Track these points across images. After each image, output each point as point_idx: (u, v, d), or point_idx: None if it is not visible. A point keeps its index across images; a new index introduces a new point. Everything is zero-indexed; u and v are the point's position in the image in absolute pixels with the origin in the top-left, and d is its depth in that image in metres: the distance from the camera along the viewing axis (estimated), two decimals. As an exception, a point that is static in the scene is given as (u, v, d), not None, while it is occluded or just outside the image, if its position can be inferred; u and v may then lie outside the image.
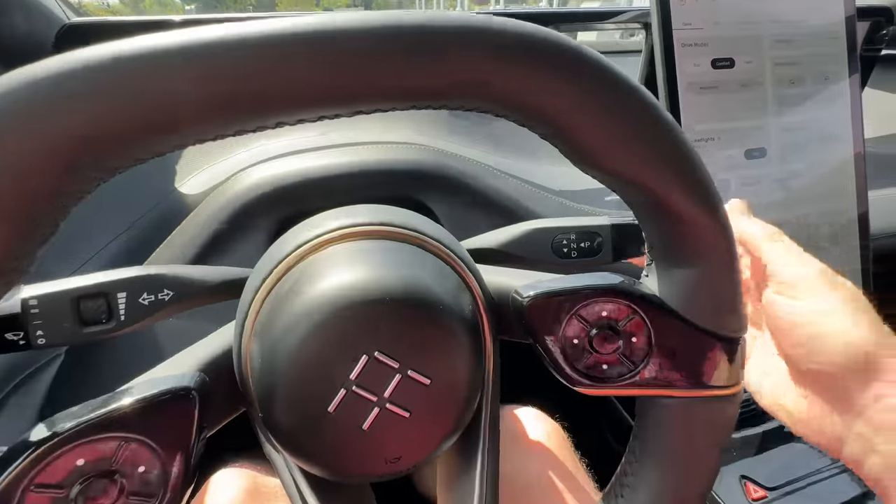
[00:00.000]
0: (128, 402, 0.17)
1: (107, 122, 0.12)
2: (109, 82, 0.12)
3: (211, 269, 0.29)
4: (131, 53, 0.12)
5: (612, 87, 0.16)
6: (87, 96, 0.12)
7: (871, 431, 0.23)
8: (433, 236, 0.25)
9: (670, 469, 0.22)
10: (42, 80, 0.12)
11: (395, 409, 0.20)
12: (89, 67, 0.12)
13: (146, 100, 0.12)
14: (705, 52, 0.41)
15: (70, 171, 0.13)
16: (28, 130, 0.12)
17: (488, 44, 0.14)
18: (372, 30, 0.14)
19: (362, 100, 0.14)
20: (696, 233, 0.19)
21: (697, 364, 0.21)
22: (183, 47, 0.12)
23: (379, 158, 0.46)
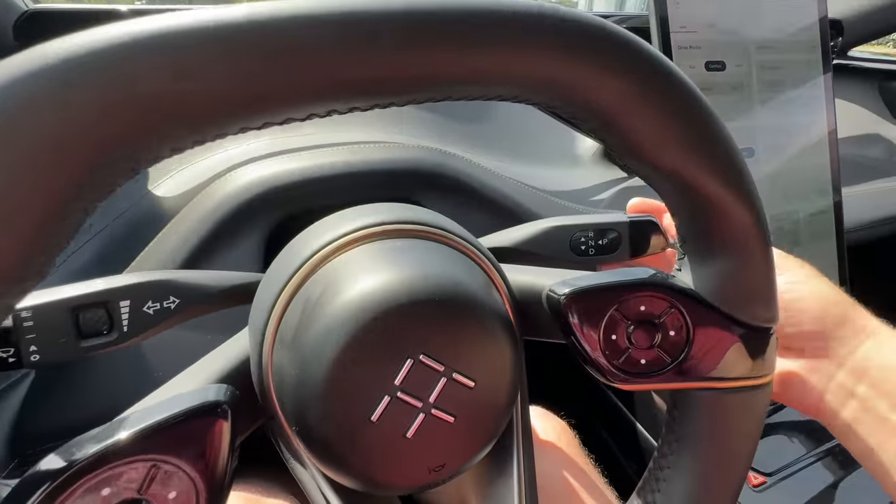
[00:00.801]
0: (156, 421, 0.16)
1: (144, 111, 0.11)
2: (147, 68, 0.11)
3: (217, 273, 0.27)
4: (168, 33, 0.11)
5: (670, 84, 0.16)
6: (129, 81, 0.11)
7: (851, 380, 0.25)
8: (459, 234, 0.24)
9: (709, 461, 0.22)
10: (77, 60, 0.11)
11: (440, 414, 0.19)
12: (131, 48, 0.11)
13: (185, 88, 0.11)
14: (699, 55, 0.43)
15: (107, 163, 0.11)
16: (63, 116, 0.10)
17: (563, 37, 0.14)
18: (441, 14, 0.13)
19: (440, 86, 0.13)
20: (736, 226, 0.19)
21: (734, 355, 0.21)
22: (223, 28, 0.11)
23: (378, 157, 0.45)
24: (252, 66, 0.11)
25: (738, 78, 0.45)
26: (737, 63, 0.45)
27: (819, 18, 0.48)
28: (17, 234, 0.10)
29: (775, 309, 0.22)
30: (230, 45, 0.11)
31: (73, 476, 0.14)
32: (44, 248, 0.11)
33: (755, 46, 0.46)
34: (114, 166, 0.11)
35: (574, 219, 0.32)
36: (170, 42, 0.11)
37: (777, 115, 0.48)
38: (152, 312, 0.23)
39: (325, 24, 0.12)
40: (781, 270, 0.26)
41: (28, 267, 0.11)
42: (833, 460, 0.44)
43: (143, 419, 0.16)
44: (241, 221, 0.40)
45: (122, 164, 0.11)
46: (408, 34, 0.13)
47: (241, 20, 0.11)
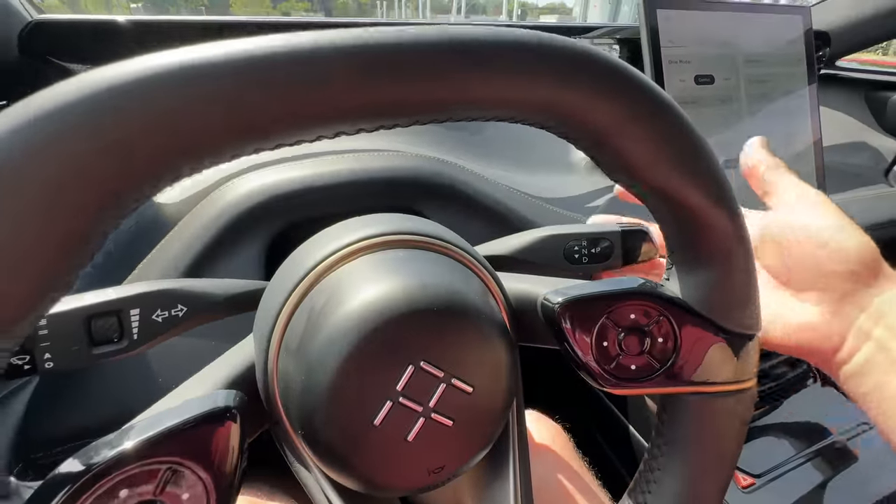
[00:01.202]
0: (169, 426, 0.16)
1: (176, 130, 0.12)
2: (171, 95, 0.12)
3: (222, 281, 0.27)
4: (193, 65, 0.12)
5: (658, 106, 0.17)
6: (151, 105, 0.12)
7: (870, 323, 0.27)
8: (457, 244, 0.25)
9: (697, 462, 0.23)
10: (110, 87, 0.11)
11: (440, 418, 0.20)
12: (160, 77, 0.12)
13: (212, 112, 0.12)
14: (689, 69, 0.44)
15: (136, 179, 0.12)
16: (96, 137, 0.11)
17: (557, 64, 0.15)
18: (439, 45, 0.14)
19: (446, 109, 0.15)
20: (718, 237, 0.21)
21: (719, 360, 0.22)
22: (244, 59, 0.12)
23: (378, 166, 0.45)
24: (255, 103, 0.12)
25: (726, 91, 0.46)
26: (725, 76, 0.46)
27: (804, 31, 0.50)
28: (26, 276, 0.11)
29: (758, 316, 0.23)
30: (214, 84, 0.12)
31: (92, 479, 0.15)
32: (53, 285, 0.12)
33: (743, 60, 0.47)
34: (104, 212, 0.12)
35: (568, 228, 0.33)
36: (155, 89, 0.11)
37: (764, 126, 0.49)
38: (161, 320, 0.23)
39: (342, 56, 0.13)
40: (823, 210, 0.29)
41: (56, 281, 0.12)
42: (821, 461, 0.45)
43: (157, 424, 0.17)
44: (243, 229, 0.41)
45: (115, 210, 0.12)
46: (415, 65, 0.14)
47: (220, 58, 0.12)
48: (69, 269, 0.12)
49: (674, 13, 0.43)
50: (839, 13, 0.83)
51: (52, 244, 0.11)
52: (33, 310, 0.12)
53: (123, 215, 0.13)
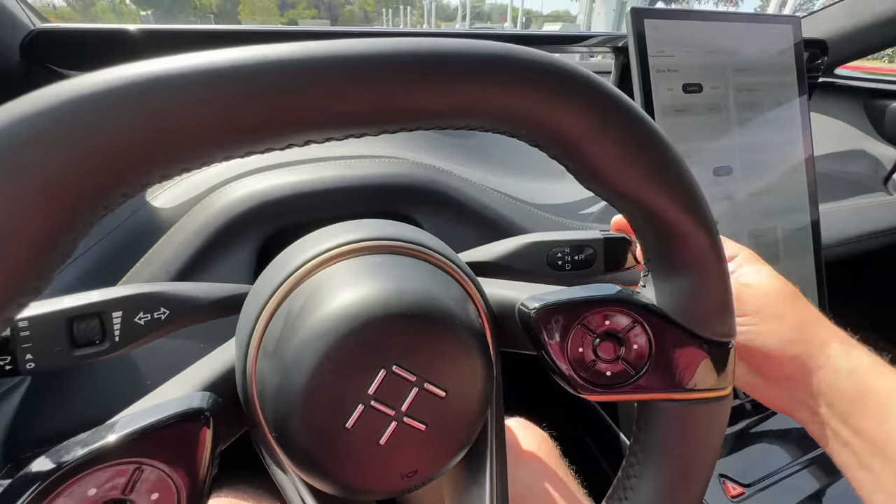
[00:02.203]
0: (141, 426, 0.17)
1: (137, 140, 0.12)
2: (139, 103, 0.12)
3: (206, 285, 0.28)
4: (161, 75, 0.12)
5: (626, 117, 0.17)
6: (120, 114, 0.12)
7: (813, 402, 0.29)
8: (437, 250, 0.25)
9: (672, 469, 0.23)
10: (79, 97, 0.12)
11: (412, 422, 0.20)
12: (130, 84, 0.12)
13: (177, 119, 0.12)
14: (677, 78, 0.45)
15: (98, 189, 0.13)
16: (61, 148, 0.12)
17: (523, 75, 0.15)
18: (422, 57, 0.15)
19: (413, 118, 0.15)
20: (692, 246, 0.21)
21: (694, 368, 0.22)
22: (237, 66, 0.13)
23: (371, 173, 0.46)
24: (243, 109, 0.13)
25: (714, 99, 0.47)
26: (713, 85, 0.46)
27: (794, 42, 0.50)
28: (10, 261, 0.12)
29: (732, 324, 0.23)
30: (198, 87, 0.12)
31: (60, 477, 0.15)
32: (36, 273, 0.12)
33: (732, 69, 0.47)
34: (94, 204, 0.12)
35: (551, 235, 0.33)
36: (147, 87, 0.12)
37: (754, 134, 0.49)
38: (143, 323, 0.24)
39: (318, 67, 0.13)
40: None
41: (22, 287, 0.12)
42: (814, 470, 0.44)
43: (129, 424, 0.17)
44: (235, 234, 0.41)
45: (102, 202, 0.13)
46: (386, 76, 0.14)
47: (206, 65, 0.13)
48: (37, 274, 0.12)
49: (661, 23, 0.44)
50: (836, 22, 0.84)
51: (16, 252, 0.12)
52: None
53: (93, 221, 0.13)
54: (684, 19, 0.45)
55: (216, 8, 51.68)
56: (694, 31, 0.45)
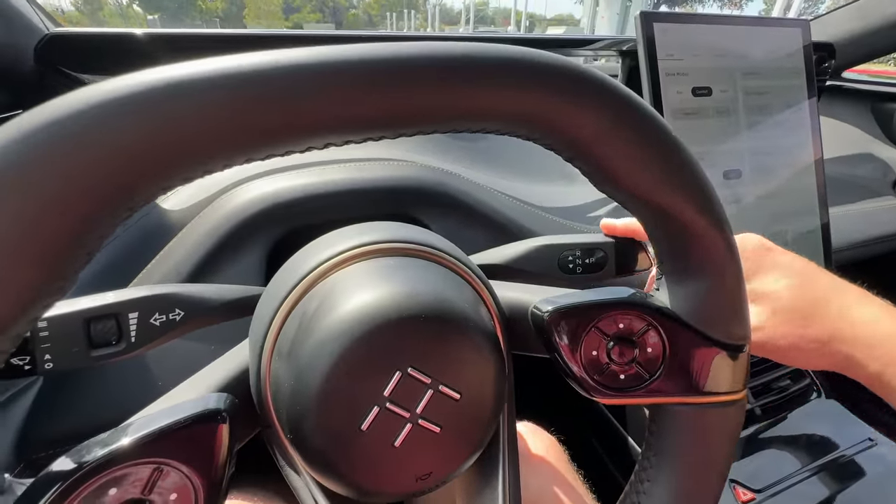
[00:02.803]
0: (160, 426, 0.17)
1: (159, 143, 0.12)
2: (160, 110, 0.12)
3: (219, 287, 0.28)
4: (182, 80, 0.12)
5: (640, 119, 0.17)
6: (142, 118, 0.12)
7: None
8: (450, 253, 0.25)
9: (686, 474, 0.23)
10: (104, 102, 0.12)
11: (427, 424, 0.20)
12: (146, 91, 0.12)
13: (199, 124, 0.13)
14: (686, 81, 0.45)
15: (123, 191, 0.13)
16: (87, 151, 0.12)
17: (537, 78, 0.15)
18: (449, 60, 0.15)
19: (435, 120, 0.15)
20: (707, 249, 0.21)
21: (708, 371, 0.22)
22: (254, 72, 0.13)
23: (380, 175, 0.46)
24: (264, 111, 0.13)
25: (724, 103, 0.47)
26: (722, 88, 0.46)
27: (803, 46, 0.50)
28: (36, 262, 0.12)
29: (747, 327, 0.23)
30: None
31: (82, 477, 0.15)
32: (62, 273, 0.13)
33: (741, 72, 0.47)
34: (111, 214, 0.13)
35: (562, 238, 0.33)
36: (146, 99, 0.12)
37: (763, 137, 0.49)
38: (158, 324, 0.24)
39: (335, 71, 0.14)
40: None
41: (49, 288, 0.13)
42: (825, 477, 0.44)
43: (148, 424, 0.17)
44: (245, 236, 0.42)
45: (120, 210, 0.13)
46: (405, 79, 0.14)
47: (215, 72, 0.13)
48: (63, 275, 0.13)
49: (670, 26, 0.44)
50: (844, 25, 0.83)
51: (42, 252, 0.12)
52: (15, 323, 0.12)
53: (117, 223, 0.13)
54: (693, 23, 0.45)
55: (222, 12, 52.18)
56: (703, 35, 0.45)
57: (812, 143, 0.52)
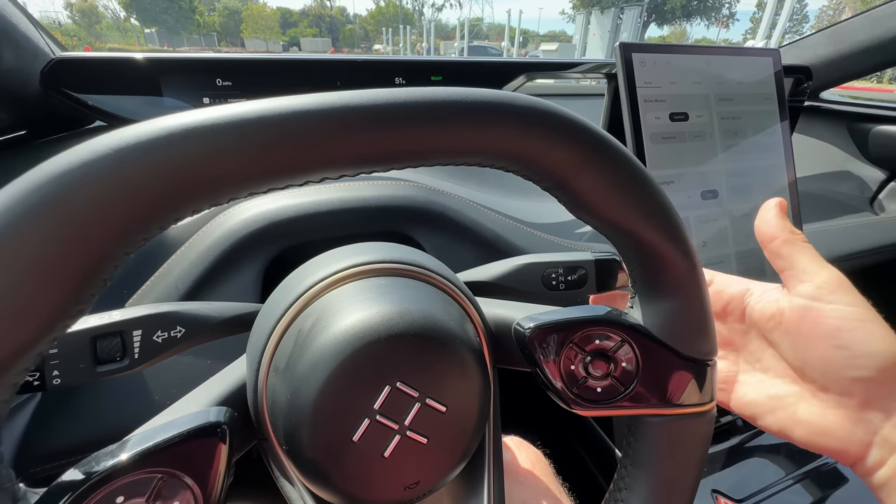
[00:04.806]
0: (164, 438, 0.18)
1: (174, 182, 0.14)
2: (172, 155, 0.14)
3: (218, 305, 0.29)
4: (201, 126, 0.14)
5: (609, 154, 0.19)
6: (156, 161, 0.14)
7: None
8: (438, 272, 0.27)
9: (659, 481, 0.25)
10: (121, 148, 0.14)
11: (415, 435, 0.22)
12: (165, 138, 0.14)
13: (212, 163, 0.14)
14: (664, 107, 0.47)
15: (139, 223, 0.14)
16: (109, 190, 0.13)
17: (516, 119, 0.17)
18: (432, 105, 0.17)
19: (424, 156, 0.17)
20: (674, 271, 0.22)
21: (678, 385, 0.24)
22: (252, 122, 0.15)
23: (372, 195, 0.48)
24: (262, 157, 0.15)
25: (700, 127, 0.49)
26: (698, 114, 0.49)
27: (775, 73, 0.53)
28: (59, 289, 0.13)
29: (713, 344, 0.24)
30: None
31: (91, 486, 0.16)
32: (81, 299, 0.14)
33: (716, 99, 0.50)
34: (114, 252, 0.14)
35: (546, 256, 0.35)
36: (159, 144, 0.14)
37: (739, 160, 0.52)
38: (161, 341, 0.25)
39: (333, 117, 0.15)
40: (845, 296, 0.25)
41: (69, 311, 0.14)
42: (804, 485, 0.45)
43: (153, 437, 0.18)
44: (242, 254, 0.43)
45: (134, 243, 0.14)
46: (399, 120, 0.16)
47: (203, 124, 0.14)
48: (82, 300, 0.14)
49: (648, 56, 0.46)
50: (819, 50, 0.87)
51: (64, 282, 0.13)
52: (40, 343, 0.14)
53: (130, 252, 0.15)
54: (669, 53, 0.48)
55: (219, 26, 52.71)
56: (679, 64, 0.48)
57: (785, 164, 0.54)
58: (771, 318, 0.28)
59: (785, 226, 0.28)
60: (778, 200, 0.29)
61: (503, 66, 0.66)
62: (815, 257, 0.27)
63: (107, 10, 58.08)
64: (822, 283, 0.26)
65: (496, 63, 0.66)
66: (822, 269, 0.26)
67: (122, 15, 57.34)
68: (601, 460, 0.62)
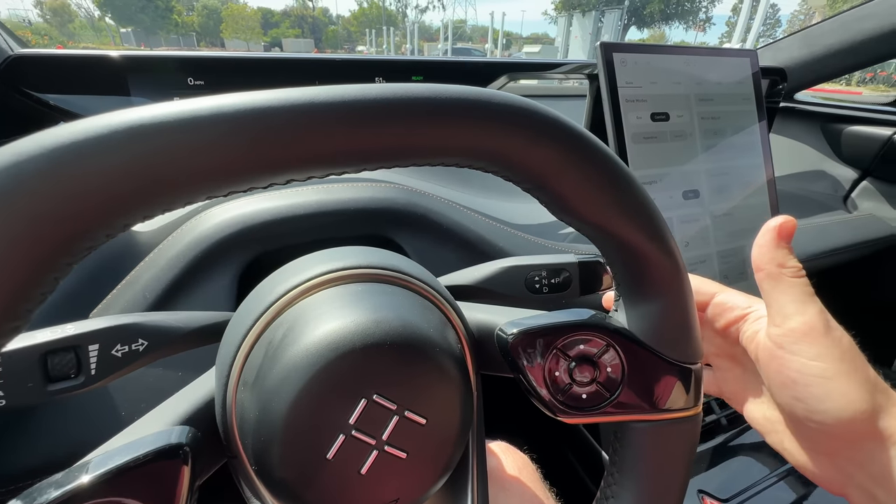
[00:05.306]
0: (117, 464, 0.17)
1: (116, 188, 0.13)
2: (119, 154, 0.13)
3: (185, 314, 0.28)
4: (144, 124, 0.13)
5: (590, 153, 0.18)
6: (104, 162, 0.13)
7: (871, 483, 0.24)
8: (417, 277, 0.26)
9: (646, 487, 0.24)
10: (61, 147, 0.12)
11: (393, 450, 0.21)
12: (107, 135, 0.13)
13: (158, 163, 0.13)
14: (645, 107, 0.47)
15: (80, 232, 0.13)
16: (46, 196, 0.12)
17: (495, 117, 0.16)
18: (411, 102, 0.16)
19: (398, 156, 0.16)
20: (657, 271, 0.22)
21: (663, 389, 0.23)
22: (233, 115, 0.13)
23: (351, 197, 0.47)
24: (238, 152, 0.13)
25: (681, 127, 0.49)
26: (679, 114, 0.49)
27: (752, 73, 0.54)
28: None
29: (698, 347, 0.24)
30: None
31: None
32: (13, 317, 0.13)
33: (696, 99, 0.50)
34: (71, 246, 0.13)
35: (529, 259, 0.34)
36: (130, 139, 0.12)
37: (719, 159, 0.52)
38: (120, 355, 0.24)
39: (314, 112, 0.14)
40: (809, 347, 0.24)
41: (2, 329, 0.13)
42: (788, 482, 0.46)
43: (105, 462, 0.17)
44: (215, 260, 0.41)
45: (76, 251, 0.13)
46: (374, 119, 0.15)
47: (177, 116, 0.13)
48: (16, 315, 0.13)
49: (628, 56, 0.46)
50: (793, 52, 0.89)
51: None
52: None
53: (74, 262, 0.13)
54: (649, 53, 0.48)
55: (199, 26, 51.67)
56: (659, 64, 0.48)
57: (764, 164, 0.55)
58: (752, 350, 0.28)
59: (774, 257, 0.26)
60: (780, 223, 0.27)
61: (486, 66, 0.65)
62: (796, 297, 0.25)
63: (80, 9, 56.42)
64: (791, 329, 0.25)
65: (478, 63, 0.65)
66: (797, 312, 0.25)
67: (97, 14, 55.78)
68: (588, 464, 0.62)
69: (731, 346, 0.31)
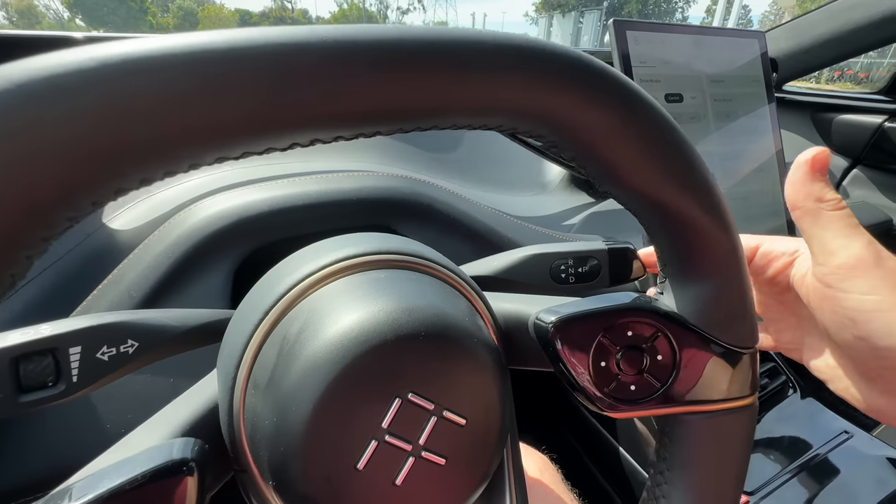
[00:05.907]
0: (112, 487, 0.14)
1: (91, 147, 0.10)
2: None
3: (179, 312, 0.25)
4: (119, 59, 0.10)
5: (651, 117, 0.16)
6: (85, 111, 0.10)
7: None
8: (441, 264, 0.23)
9: (702, 485, 0.22)
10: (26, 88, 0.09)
11: (431, 456, 0.18)
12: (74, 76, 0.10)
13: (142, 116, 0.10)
14: (659, 87, 0.46)
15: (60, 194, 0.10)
16: None
17: (549, 72, 0.14)
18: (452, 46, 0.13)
19: (437, 115, 0.13)
20: (712, 248, 0.20)
21: (719, 377, 0.21)
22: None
23: (353, 187, 0.44)
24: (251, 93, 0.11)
25: (694, 108, 0.48)
26: (692, 95, 0.48)
27: (761, 54, 0.53)
28: None
29: (754, 330, 0.22)
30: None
31: None
32: None
33: (708, 80, 0.49)
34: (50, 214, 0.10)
35: (554, 247, 0.32)
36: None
37: (731, 143, 0.51)
38: (107, 359, 0.20)
39: (319, 51, 0.11)
40: (861, 279, 0.22)
41: None
42: (811, 473, 0.44)
43: (94, 485, 0.14)
44: (208, 255, 0.38)
45: (55, 222, 0.10)
46: (399, 62, 0.12)
47: (179, 49, 0.10)
48: None
49: (641, 35, 0.45)
50: (781, 43, 0.90)
51: None
52: None
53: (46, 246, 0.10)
54: (662, 31, 0.46)
55: (174, 28, 50.56)
56: (672, 43, 0.47)
57: (774, 147, 0.54)
58: (804, 294, 0.26)
59: (810, 192, 0.24)
60: (812, 155, 0.24)
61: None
62: (839, 231, 0.23)
63: (48, 10, 54.66)
64: (838, 266, 0.23)
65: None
66: (842, 247, 0.23)
67: (66, 15, 54.13)
68: (604, 461, 0.60)
69: (782, 293, 0.29)
